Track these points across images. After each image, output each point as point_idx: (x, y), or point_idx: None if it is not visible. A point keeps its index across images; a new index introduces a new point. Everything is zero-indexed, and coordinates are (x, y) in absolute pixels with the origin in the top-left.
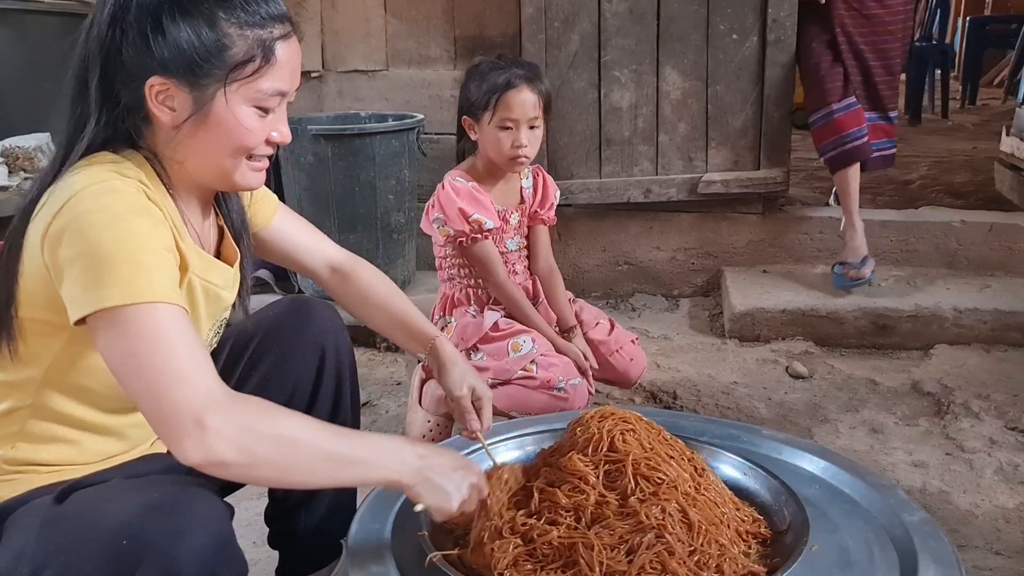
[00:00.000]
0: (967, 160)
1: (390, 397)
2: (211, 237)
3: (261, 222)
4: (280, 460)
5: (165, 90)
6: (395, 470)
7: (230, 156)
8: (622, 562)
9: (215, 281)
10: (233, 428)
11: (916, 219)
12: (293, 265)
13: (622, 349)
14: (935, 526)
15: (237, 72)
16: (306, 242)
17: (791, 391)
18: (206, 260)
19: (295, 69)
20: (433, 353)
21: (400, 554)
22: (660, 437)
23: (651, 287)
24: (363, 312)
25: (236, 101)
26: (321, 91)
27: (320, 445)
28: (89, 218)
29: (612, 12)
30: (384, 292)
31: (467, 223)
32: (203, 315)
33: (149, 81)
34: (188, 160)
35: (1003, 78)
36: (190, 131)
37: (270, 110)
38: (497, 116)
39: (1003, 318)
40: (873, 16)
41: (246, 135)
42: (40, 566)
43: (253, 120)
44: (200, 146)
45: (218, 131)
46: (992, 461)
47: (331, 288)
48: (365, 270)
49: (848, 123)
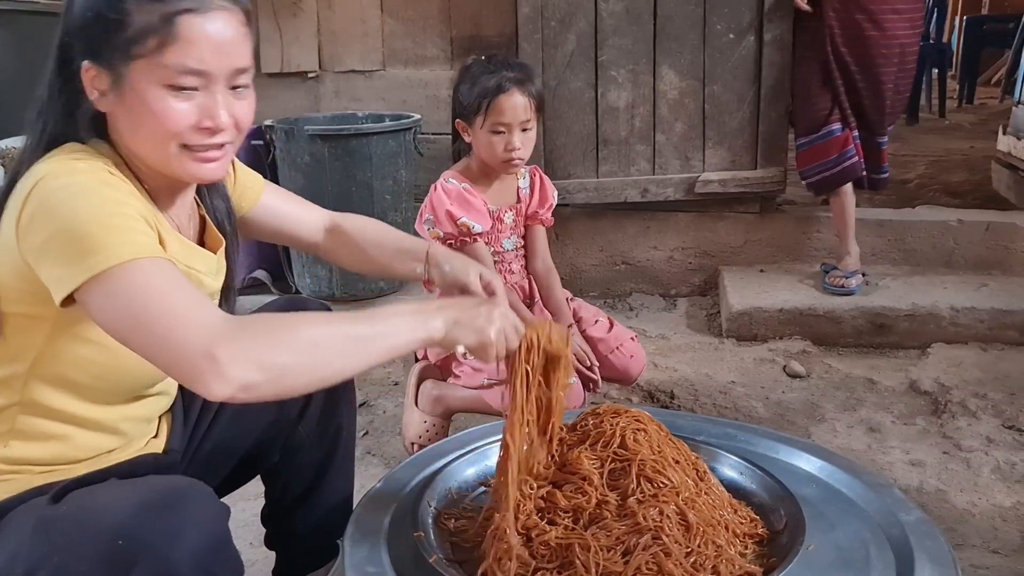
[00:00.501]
0: (964, 159)
1: (387, 397)
2: (191, 227)
3: (248, 204)
4: (306, 361)
5: (95, 74)
6: (422, 328)
7: (158, 143)
8: (618, 563)
9: (197, 267)
10: (245, 350)
11: (913, 218)
12: (286, 239)
13: (622, 346)
14: (932, 525)
15: (137, 48)
16: (297, 214)
17: (788, 390)
18: (187, 246)
19: (218, 48)
20: (431, 258)
21: (397, 554)
22: (668, 439)
23: (648, 287)
24: (362, 258)
25: (144, 81)
26: (318, 91)
27: (338, 332)
28: (56, 196)
29: (609, 12)
30: (374, 232)
31: (455, 226)
32: None
33: (83, 65)
34: (132, 147)
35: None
36: (118, 116)
37: (187, 90)
38: (489, 121)
39: (1000, 317)
40: (869, 39)
41: (163, 119)
42: (35, 566)
43: (165, 102)
44: (130, 132)
45: (135, 115)
46: (989, 460)
47: (330, 250)
48: (350, 217)
49: (831, 149)
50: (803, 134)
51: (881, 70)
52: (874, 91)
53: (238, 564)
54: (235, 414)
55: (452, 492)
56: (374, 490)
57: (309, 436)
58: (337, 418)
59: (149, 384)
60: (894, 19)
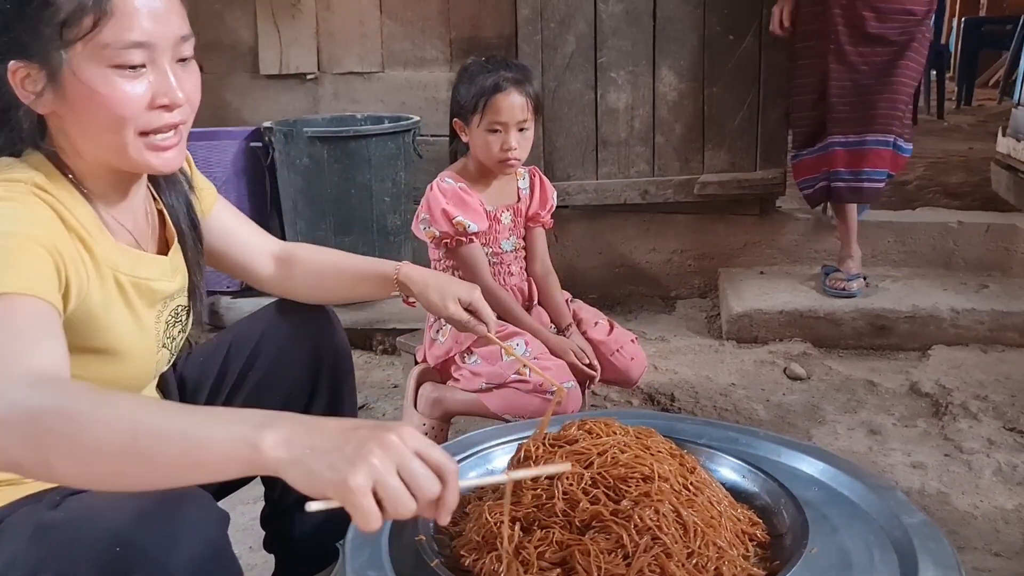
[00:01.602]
0: (963, 161)
1: (387, 400)
2: (146, 226)
3: (198, 213)
4: (68, 445)
5: (25, 74)
6: (238, 450)
7: (111, 132)
8: (620, 565)
9: (145, 275)
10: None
11: (913, 220)
12: (232, 263)
13: (622, 348)
14: (935, 528)
15: (70, 32)
16: (247, 237)
17: (789, 392)
18: (130, 255)
19: (157, 16)
20: (403, 288)
21: (398, 558)
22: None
23: (648, 289)
24: (320, 287)
25: (86, 68)
26: (316, 93)
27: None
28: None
29: (608, 13)
30: (328, 259)
31: (450, 225)
32: (140, 309)
33: (9, 67)
34: (79, 146)
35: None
36: (62, 112)
37: (135, 68)
38: (486, 119)
39: (1000, 318)
40: (854, 63)
41: (115, 104)
42: (32, 572)
43: (114, 85)
44: (77, 127)
45: (82, 108)
46: (991, 462)
47: (277, 281)
48: (305, 247)
49: (823, 164)
50: (798, 146)
51: (868, 84)
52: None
53: (237, 571)
54: None
55: None
56: None
57: None
58: (342, 411)
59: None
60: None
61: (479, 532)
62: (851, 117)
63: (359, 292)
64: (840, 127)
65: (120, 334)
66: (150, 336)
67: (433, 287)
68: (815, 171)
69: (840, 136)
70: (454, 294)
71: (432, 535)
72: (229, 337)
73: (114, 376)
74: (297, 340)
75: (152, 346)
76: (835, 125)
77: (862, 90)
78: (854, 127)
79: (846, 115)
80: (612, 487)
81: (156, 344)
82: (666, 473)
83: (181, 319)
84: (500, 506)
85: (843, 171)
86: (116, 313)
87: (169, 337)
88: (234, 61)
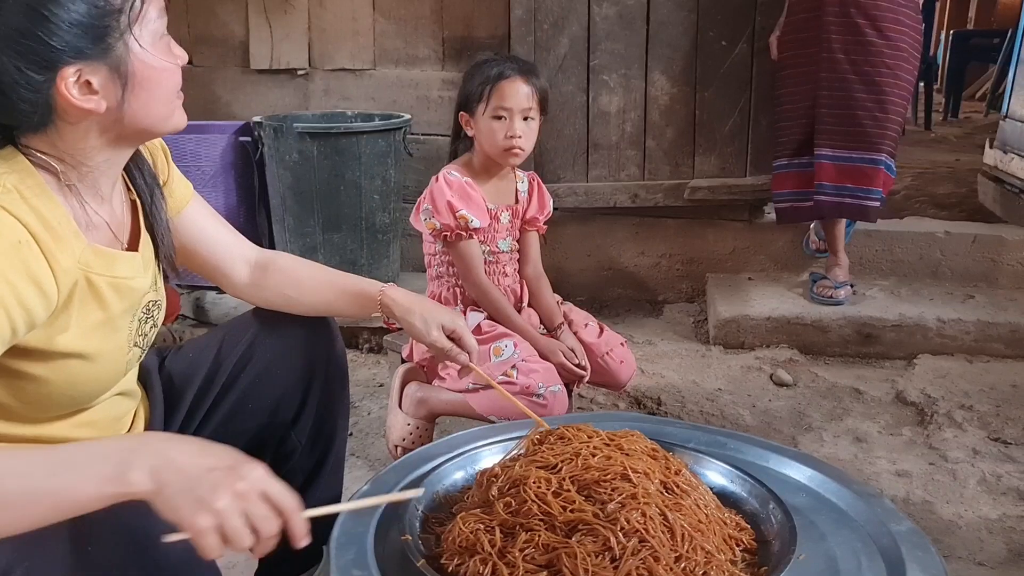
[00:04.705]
0: (950, 172)
1: (372, 399)
2: (124, 218)
3: (172, 210)
4: None
5: (79, 76)
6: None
7: (171, 100)
8: (607, 568)
9: (122, 274)
10: None
11: (901, 229)
12: (203, 264)
13: (611, 352)
14: (923, 536)
15: (130, 16)
16: (222, 237)
17: (775, 399)
18: (107, 256)
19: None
20: (386, 309)
21: (384, 558)
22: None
23: (636, 292)
24: (297, 297)
25: (146, 44)
26: (307, 89)
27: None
28: None
29: (602, 16)
30: (312, 271)
31: (453, 218)
32: (118, 312)
33: (60, 75)
34: (136, 123)
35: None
36: (122, 99)
37: (164, 35)
38: (491, 106)
39: (986, 329)
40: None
41: (172, 72)
42: (5, 569)
43: (165, 54)
44: (138, 109)
45: (148, 83)
46: (975, 471)
47: (251, 287)
48: (282, 256)
49: (806, 180)
50: (781, 155)
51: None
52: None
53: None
54: (227, 417)
55: (439, 496)
56: (361, 493)
57: (301, 442)
58: (331, 425)
59: (88, 400)
60: (896, 28)
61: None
62: (840, 130)
63: (336, 308)
64: (828, 139)
65: (88, 338)
66: (122, 336)
67: (417, 313)
68: (793, 187)
69: (828, 149)
70: (438, 321)
71: (418, 535)
72: (220, 335)
73: (82, 378)
74: (293, 347)
75: (123, 346)
76: (823, 136)
77: (853, 103)
78: (842, 141)
79: (835, 127)
80: (587, 489)
81: (128, 343)
82: (643, 469)
83: (153, 315)
84: (475, 515)
85: (827, 185)
86: (86, 317)
87: (141, 334)
88: (225, 55)
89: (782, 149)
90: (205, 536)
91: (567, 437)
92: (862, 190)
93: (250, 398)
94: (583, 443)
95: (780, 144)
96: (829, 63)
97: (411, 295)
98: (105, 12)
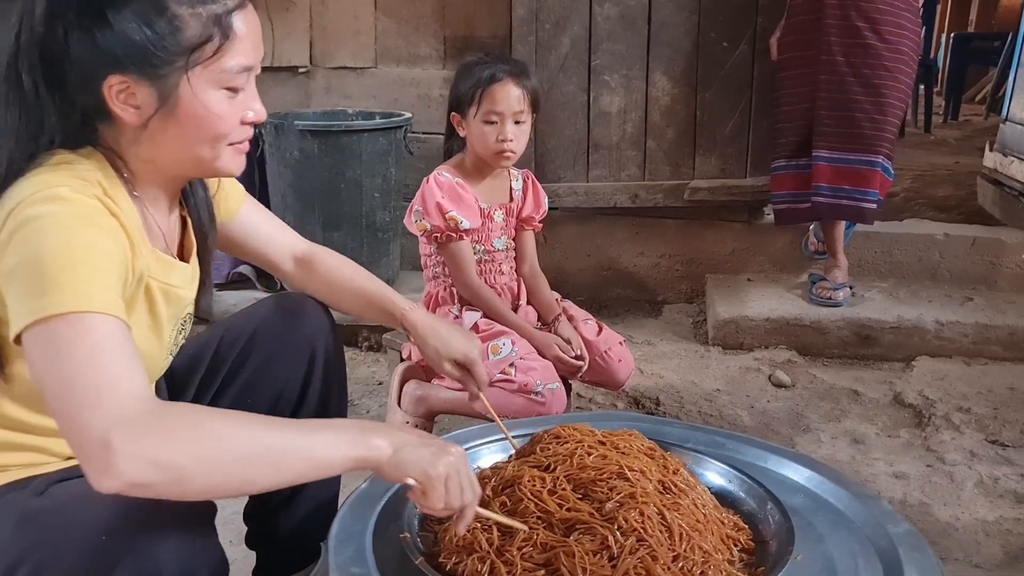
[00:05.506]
0: (949, 174)
1: (371, 397)
2: (175, 231)
3: (226, 214)
4: (212, 468)
5: (125, 88)
6: (361, 445)
7: (208, 145)
8: (605, 567)
9: (174, 282)
10: (144, 446)
11: (900, 231)
12: (256, 258)
13: (610, 350)
14: (920, 538)
15: (197, 55)
16: (271, 233)
17: (773, 400)
18: (166, 263)
19: (257, 41)
20: (406, 328)
21: (382, 555)
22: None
23: (635, 292)
24: (331, 297)
25: (202, 87)
26: (309, 87)
27: (258, 441)
28: (31, 225)
29: (603, 16)
30: (349, 274)
31: (443, 219)
32: (164, 318)
33: (107, 81)
34: (160, 156)
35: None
36: (159, 126)
37: (239, 89)
38: (482, 110)
39: (984, 332)
40: (844, 74)
41: (219, 122)
42: (16, 562)
43: (223, 104)
44: (173, 140)
45: (189, 122)
46: (972, 474)
47: (295, 279)
48: (327, 255)
49: (805, 181)
50: (780, 156)
51: (882, 82)
52: (836, 118)
53: (222, 563)
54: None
55: None
56: (359, 491)
57: None
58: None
59: None
60: (896, 31)
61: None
62: (838, 132)
63: (368, 316)
64: (826, 140)
65: (139, 340)
66: (164, 343)
67: (432, 342)
68: (791, 188)
69: (825, 151)
70: (450, 354)
71: (417, 533)
72: (220, 331)
73: None
74: (292, 339)
75: (163, 353)
76: (821, 138)
77: (851, 105)
78: (840, 142)
79: (833, 129)
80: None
81: (166, 351)
82: (640, 468)
83: (186, 327)
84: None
85: (824, 186)
86: (139, 319)
87: (175, 344)
88: None
89: (781, 150)
90: (438, 482)
91: (562, 437)
92: (859, 192)
93: (250, 393)
94: (577, 443)
95: (779, 145)
96: (828, 65)
97: (432, 320)
98: (170, 42)
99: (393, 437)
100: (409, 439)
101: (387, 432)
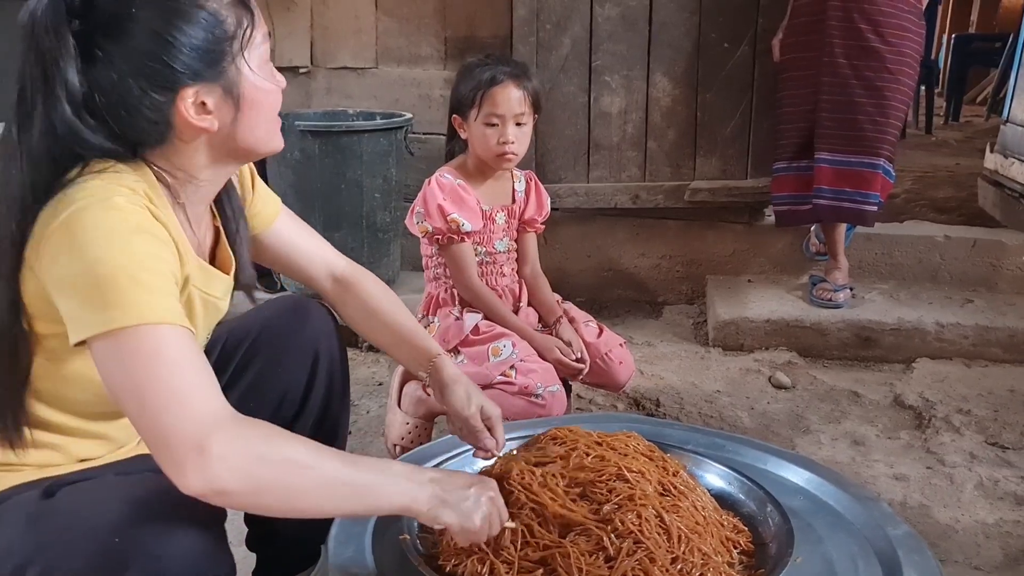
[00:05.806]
0: (950, 176)
1: (371, 398)
2: (207, 241)
3: (261, 225)
4: (287, 487)
5: (197, 97)
6: (409, 494)
7: (274, 119)
8: (602, 568)
9: (214, 292)
10: (237, 454)
11: (900, 233)
12: (292, 271)
13: (611, 352)
14: (919, 540)
15: (241, 42)
16: (308, 247)
17: (774, 401)
18: (207, 272)
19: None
20: (434, 372)
21: (381, 557)
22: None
23: (636, 293)
24: (364, 325)
25: (254, 67)
26: (309, 87)
27: (329, 471)
28: (88, 234)
29: (604, 17)
30: (387, 307)
31: (444, 221)
32: (200, 327)
33: (180, 95)
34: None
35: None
36: (233, 120)
37: (268, 60)
38: (483, 112)
39: (984, 334)
40: (847, 76)
41: (276, 94)
42: (25, 562)
43: (270, 76)
44: (246, 129)
45: (256, 105)
46: (972, 476)
47: (331, 298)
48: (367, 280)
49: (806, 183)
50: (781, 158)
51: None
52: (837, 120)
53: (230, 566)
54: None
55: None
56: None
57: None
58: (332, 422)
59: None
60: (899, 33)
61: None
62: (839, 134)
63: (395, 352)
64: (828, 143)
65: None
66: None
67: (463, 385)
68: (792, 190)
69: (827, 153)
70: (479, 403)
71: (416, 534)
72: (224, 333)
73: None
74: (296, 341)
75: None
76: (823, 140)
77: (853, 107)
78: (841, 144)
79: (834, 131)
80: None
81: None
82: (639, 469)
83: (212, 336)
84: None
85: (825, 188)
86: None
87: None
88: None
89: (782, 152)
90: (476, 530)
91: (559, 438)
92: (860, 194)
93: (254, 395)
94: (573, 445)
95: (780, 147)
96: (831, 67)
97: (460, 371)
98: (221, 38)
99: (435, 491)
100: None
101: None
